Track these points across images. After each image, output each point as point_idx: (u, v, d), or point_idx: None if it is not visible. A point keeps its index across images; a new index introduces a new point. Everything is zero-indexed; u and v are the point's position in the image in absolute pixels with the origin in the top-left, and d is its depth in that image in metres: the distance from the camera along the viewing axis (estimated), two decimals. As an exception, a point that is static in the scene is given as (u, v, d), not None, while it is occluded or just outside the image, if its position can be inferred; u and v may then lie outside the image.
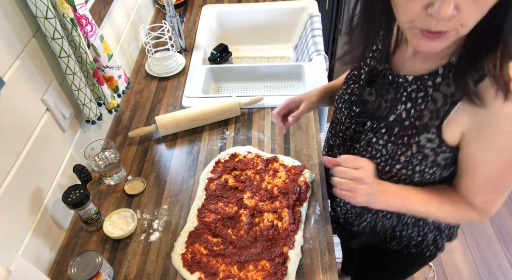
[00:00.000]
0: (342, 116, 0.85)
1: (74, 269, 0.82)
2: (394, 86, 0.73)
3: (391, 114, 0.73)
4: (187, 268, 0.88)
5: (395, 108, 0.72)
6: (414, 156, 0.70)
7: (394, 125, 0.72)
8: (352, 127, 0.83)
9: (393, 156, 0.73)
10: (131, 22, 1.45)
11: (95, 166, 1.04)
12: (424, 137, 0.69)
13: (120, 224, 0.95)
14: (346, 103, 0.83)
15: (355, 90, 0.81)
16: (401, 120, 0.71)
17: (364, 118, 0.80)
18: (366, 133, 0.78)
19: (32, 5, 0.80)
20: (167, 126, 1.16)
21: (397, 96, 0.72)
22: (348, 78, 0.85)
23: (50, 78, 0.94)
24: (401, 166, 0.73)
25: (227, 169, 1.06)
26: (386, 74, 0.74)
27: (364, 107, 0.79)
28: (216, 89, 1.49)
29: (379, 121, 0.75)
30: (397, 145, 0.72)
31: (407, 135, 0.71)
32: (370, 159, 0.76)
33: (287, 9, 1.67)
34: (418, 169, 0.72)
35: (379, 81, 0.76)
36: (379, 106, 0.76)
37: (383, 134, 0.74)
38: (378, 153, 0.75)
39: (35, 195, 0.88)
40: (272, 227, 0.93)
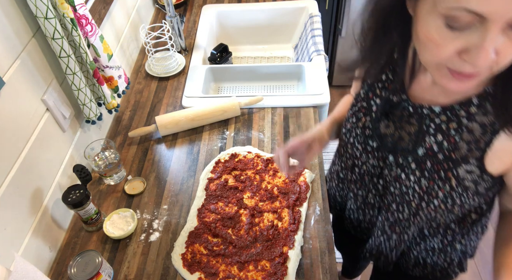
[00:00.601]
0: (356, 151, 0.79)
1: (74, 269, 0.82)
2: (417, 118, 0.67)
3: (419, 147, 0.67)
4: (187, 268, 0.88)
5: (422, 141, 0.67)
6: (454, 189, 0.65)
7: (425, 159, 0.67)
8: (370, 162, 0.77)
9: (430, 192, 0.67)
10: (131, 22, 1.45)
11: (95, 166, 1.04)
12: (463, 169, 0.63)
13: (120, 224, 0.95)
14: (359, 137, 0.77)
15: (368, 123, 0.75)
16: (433, 153, 0.66)
17: (384, 153, 0.74)
18: (391, 168, 0.73)
19: (32, 5, 0.80)
20: (167, 126, 1.16)
21: (422, 128, 0.67)
22: (357, 110, 0.78)
23: (50, 78, 0.94)
24: (440, 201, 0.68)
25: (227, 169, 1.06)
26: (405, 106, 0.68)
27: (382, 141, 0.73)
28: (216, 89, 1.49)
29: (405, 156, 0.69)
30: (433, 180, 0.66)
31: (443, 169, 0.65)
32: (401, 195, 0.72)
33: (287, 9, 1.67)
34: (458, 202, 0.67)
35: (396, 113, 0.70)
36: (401, 139, 0.70)
37: (414, 169, 0.68)
38: (409, 190, 0.70)
39: (35, 195, 0.88)
40: (272, 227, 0.93)
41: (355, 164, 0.81)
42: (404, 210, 0.75)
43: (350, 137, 0.79)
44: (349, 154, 0.82)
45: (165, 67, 1.38)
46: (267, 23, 1.71)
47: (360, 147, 0.78)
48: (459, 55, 0.49)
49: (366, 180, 0.81)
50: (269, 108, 1.25)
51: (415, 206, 0.71)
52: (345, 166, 0.86)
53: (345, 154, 0.84)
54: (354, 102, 0.80)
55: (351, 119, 0.79)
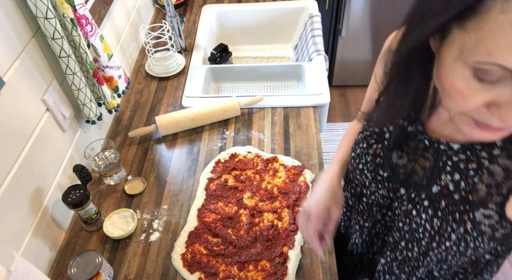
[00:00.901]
0: (365, 179, 0.73)
1: (74, 269, 0.82)
2: (433, 153, 0.63)
3: (433, 184, 0.63)
4: (187, 268, 0.88)
5: (438, 178, 0.62)
6: (468, 233, 0.60)
7: (439, 198, 0.62)
8: (380, 192, 0.72)
9: (442, 233, 0.63)
10: (131, 22, 1.45)
11: (95, 166, 1.04)
12: (480, 213, 0.58)
13: (120, 224, 0.95)
14: (368, 165, 0.72)
15: (379, 151, 0.70)
16: (448, 192, 0.61)
17: (395, 184, 0.69)
18: (401, 202, 0.68)
19: (32, 5, 0.80)
20: (167, 126, 1.16)
21: (438, 164, 0.62)
22: (368, 135, 0.73)
23: (50, 78, 0.94)
24: (452, 243, 0.63)
25: (227, 169, 1.06)
26: (421, 138, 0.64)
27: (393, 172, 0.68)
28: (216, 89, 1.49)
29: (418, 191, 0.65)
30: (446, 221, 0.62)
31: (459, 211, 0.60)
32: (410, 232, 0.67)
33: (287, 9, 1.67)
34: (472, 245, 0.62)
35: (411, 144, 0.66)
36: (414, 172, 0.66)
37: (426, 207, 0.64)
38: (420, 228, 0.65)
39: (35, 195, 0.88)
40: (272, 227, 0.93)
41: (363, 193, 0.76)
42: (414, 248, 0.70)
43: (360, 163, 0.74)
44: (357, 180, 0.76)
45: (165, 67, 1.38)
46: (267, 23, 1.71)
47: (369, 176, 0.72)
48: (488, 107, 0.44)
49: (374, 211, 0.77)
50: (269, 108, 1.25)
51: (425, 245, 0.67)
52: (354, 193, 0.82)
53: (354, 180, 0.79)
54: (365, 125, 0.74)
55: (362, 144, 0.74)
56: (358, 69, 2.50)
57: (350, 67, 2.50)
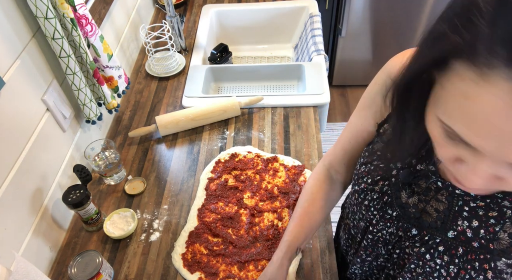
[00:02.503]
0: (372, 216, 0.68)
1: (75, 269, 0.82)
2: (447, 196, 0.57)
3: (449, 229, 0.57)
4: (187, 268, 0.88)
5: (454, 223, 0.57)
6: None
7: (457, 244, 0.57)
8: (388, 230, 0.66)
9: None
10: (131, 22, 1.45)
11: (95, 166, 1.04)
12: (503, 262, 0.54)
13: (120, 224, 0.95)
14: (375, 202, 0.66)
15: (386, 188, 0.64)
16: (466, 239, 0.56)
17: (406, 224, 0.63)
18: (414, 243, 0.62)
19: (32, 5, 0.80)
20: (167, 126, 1.16)
21: (453, 208, 0.57)
22: (372, 170, 0.67)
23: (50, 78, 0.94)
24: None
25: (227, 169, 1.06)
26: (433, 180, 0.58)
27: (403, 211, 0.63)
28: (216, 89, 1.49)
29: (431, 234, 0.59)
30: (464, 270, 0.56)
31: (478, 260, 0.55)
32: (424, 275, 0.62)
33: (287, 9, 1.67)
34: None
35: (421, 184, 0.60)
36: (427, 213, 0.60)
37: (441, 252, 0.58)
38: (435, 272, 0.60)
39: (35, 195, 0.88)
40: (272, 227, 0.93)
41: (369, 229, 0.70)
42: None
43: (365, 199, 0.68)
44: (362, 215, 0.70)
45: (165, 67, 1.38)
46: (267, 23, 1.71)
47: (377, 214, 0.66)
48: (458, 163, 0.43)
49: (379, 247, 0.70)
50: (269, 108, 1.25)
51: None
52: (356, 225, 0.75)
53: (357, 213, 0.72)
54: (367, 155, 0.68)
55: (366, 178, 0.67)
56: (358, 69, 2.50)
57: (350, 67, 2.50)
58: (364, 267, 0.79)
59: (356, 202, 0.71)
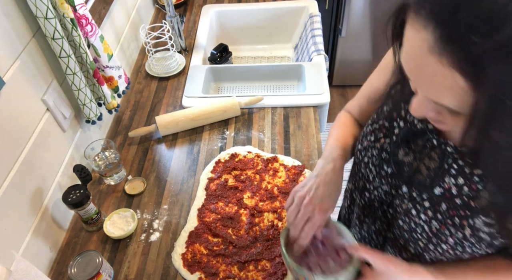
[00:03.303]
0: (369, 173, 0.72)
1: (74, 269, 0.82)
2: (439, 153, 0.61)
3: (436, 186, 0.61)
4: (187, 268, 0.88)
5: (441, 180, 0.61)
6: (467, 239, 0.59)
7: (440, 201, 0.61)
8: (383, 188, 0.71)
9: (439, 236, 0.62)
10: (131, 22, 1.45)
11: (95, 166, 1.04)
12: (481, 220, 0.57)
13: (120, 224, 0.95)
14: (374, 159, 0.70)
15: (386, 146, 0.68)
16: (450, 196, 0.59)
17: (398, 181, 0.67)
18: (402, 200, 0.67)
19: (32, 5, 0.80)
20: (167, 126, 1.16)
21: (443, 166, 0.61)
22: (377, 128, 0.71)
23: (50, 78, 0.94)
24: (449, 247, 0.62)
25: (227, 169, 1.06)
26: (430, 137, 0.62)
27: (398, 169, 0.67)
28: (216, 89, 1.49)
29: (420, 191, 0.64)
30: (445, 225, 0.61)
31: (459, 216, 0.59)
32: (409, 232, 0.67)
33: (287, 9, 1.67)
34: (469, 251, 0.61)
35: (419, 142, 0.64)
36: (419, 171, 0.64)
37: (426, 208, 0.62)
38: (418, 228, 0.64)
39: (35, 195, 0.88)
40: (272, 227, 0.93)
41: (366, 187, 0.75)
42: (409, 247, 0.69)
43: (365, 156, 0.73)
44: (361, 174, 0.75)
45: (165, 67, 1.38)
46: (267, 23, 1.71)
47: (374, 170, 0.71)
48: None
49: (375, 207, 0.75)
50: (269, 108, 1.25)
51: (422, 246, 0.66)
52: (357, 186, 0.80)
53: (358, 174, 0.77)
54: (375, 117, 0.72)
55: (370, 136, 0.72)
56: (358, 69, 2.50)
57: (350, 67, 2.50)
58: (362, 230, 0.82)
59: (358, 161, 0.76)
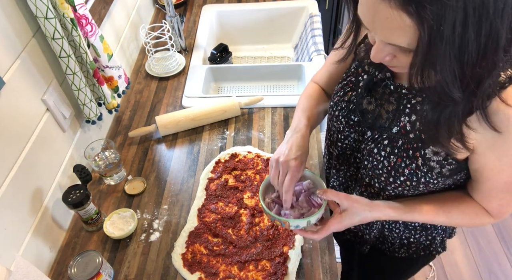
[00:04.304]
0: (340, 124, 0.81)
1: (74, 269, 0.82)
2: (396, 97, 0.71)
3: (394, 126, 0.71)
4: (187, 268, 0.88)
5: (398, 119, 0.70)
6: (419, 168, 0.69)
7: (397, 137, 0.70)
8: (352, 136, 0.80)
9: (397, 168, 0.71)
10: (131, 22, 1.45)
11: (95, 166, 1.04)
12: (430, 150, 0.67)
13: (120, 224, 0.95)
14: (343, 111, 0.80)
15: (353, 98, 0.78)
16: (405, 132, 0.69)
17: (364, 128, 0.77)
18: (367, 143, 0.76)
19: (32, 5, 0.80)
20: (167, 126, 1.16)
21: (400, 107, 0.70)
22: (345, 84, 0.81)
23: (50, 78, 0.94)
24: (405, 178, 0.71)
25: (227, 169, 1.06)
26: (387, 84, 0.72)
27: (363, 117, 0.77)
28: (216, 89, 1.49)
29: (380, 132, 0.73)
30: (401, 158, 0.70)
31: (412, 148, 0.69)
32: (372, 169, 0.75)
33: (287, 9, 1.67)
34: (423, 180, 0.70)
35: (379, 90, 0.74)
36: (380, 116, 0.74)
37: (386, 145, 0.72)
38: (380, 164, 0.74)
39: (35, 195, 0.88)
40: (272, 227, 0.93)
41: (338, 138, 0.84)
42: (375, 184, 0.78)
43: (336, 110, 0.81)
44: (334, 128, 0.84)
45: (165, 67, 1.38)
46: (267, 23, 1.71)
47: (343, 121, 0.80)
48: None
49: (348, 155, 0.84)
50: (269, 108, 1.25)
51: (383, 180, 0.75)
52: (332, 140, 0.88)
53: (332, 128, 0.86)
54: (344, 76, 0.82)
55: (339, 93, 0.81)
56: (358, 69, 2.49)
57: (350, 67, 2.50)
58: (340, 177, 0.92)
59: (330, 117, 0.85)
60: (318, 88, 0.93)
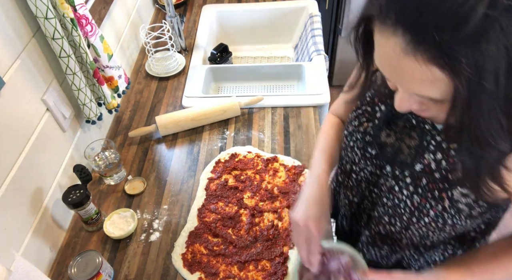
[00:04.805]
0: (355, 155, 0.76)
1: (74, 269, 0.82)
2: (419, 132, 0.65)
3: (417, 163, 0.65)
4: (187, 268, 0.88)
5: (422, 156, 0.65)
6: (446, 210, 0.63)
7: (421, 176, 0.65)
8: (368, 169, 0.75)
9: (421, 209, 0.66)
10: (131, 22, 1.45)
11: (95, 166, 1.04)
12: (458, 191, 0.61)
13: (120, 224, 0.95)
14: (358, 142, 0.74)
15: (369, 129, 0.73)
16: (430, 171, 0.64)
17: (382, 162, 0.71)
18: (386, 178, 0.71)
19: (32, 5, 0.80)
20: (167, 126, 1.16)
21: (423, 143, 0.65)
22: (360, 114, 0.75)
23: (50, 78, 0.94)
24: (430, 219, 0.66)
25: (227, 169, 1.06)
26: (408, 118, 0.66)
27: (381, 150, 0.71)
28: (216, 89, 1.49)
29: (402, 169, 0.68)
30: (425, 198, 0.65)
31: (438, 189, 0.63)
32: (393, 208, 0.71)
33: (287, 9, 1.67)
34: (450, 222, 0.65)
35: (399, 123, 0.68)
36: (400, 150, 0.68)
37: (408, 184, 0.66)
38: (401, 203, 0.68)
39: (35, 195, 0.88)
40: (272, 227, 0.93)
41: (353, 169, 0.79)
42: (396, 223, 0.73)
43: (351, 141, 0.77)
44: (348, 158, 0.79)
45: (165, 67, 1.38)
46: (267, 23, 1.71)
47: (359, 153, 0.75)
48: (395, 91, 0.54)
49: (363, 187, 0.79)
50: (269, 108, 1.25)
51: (406, 220, 0.70)
52: (344, 170, 0.84)
53: (344, 158, 0.81)
54: (358, 104, 0.76)
55: (354, 122, 0.76)
56: (358, 69, 2.49)
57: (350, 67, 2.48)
58: (352, 209, 0.86)
59: (344, 146, 0.80)
60: (337, 122, 0.88)
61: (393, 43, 0.45)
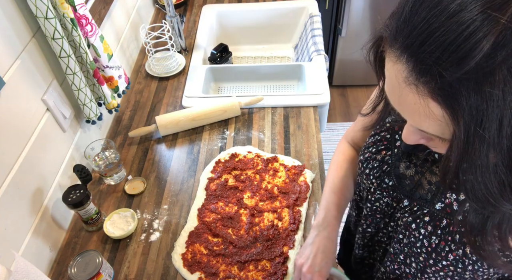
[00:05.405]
0: (370, 184, 0.71)
1: (75, 269, 0.82)
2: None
3: (437, 201, 0.61)
4: (187, 268, 0.88)
5: (443, 195, 0.60)
6: (467, 256, 0.58)
7: (441, 216, 0.60)
8: (385, 200, 0.70)
9: (439, 251, 0.60)
10: (131, 22, 1.45)
11: (95, 166, 1.04)
12: None
13: (120, 224, 0.95)
14: (375, 171, 0.69)
15: (387, 158, 0.68)
16: (451, 212, 0.58)
17: (400, 195, 0.67)
18: (404, 213, 0.66)
19: (32, 5, 0.80)
20: (167, 126, 1.16)
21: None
22: (378, 140, 0.70)
23: (50, 78, 0.94)
24: (449, 263, 0.60)
25: (227, 169, 1.06)
26: (431, 151, 0.60)
27: (400, 182, 0.66)
28: (216, 89, 1.49)
29: (420, 205, 0.63)
30: (444, 241, 0.59)
31: (460, 232, 0.57)
32: (409, 246, 0.65)
33: (287, 9, 1.67)
34: (470, 268, 0.59)
35: (420, 156, 0.63)
36: (420, 185, 0.63)
37: (426, 223, 0.61)
38: (418, 242, 0.63)
39: (35, 195, 0.88)
40: (272, 227, 0.93)
41: (368, 198, 0.74)
42: (412, 263, 0.68)
43: (366, 168, 0.72)
44: (364, 184, 0.74)
45: (165, 67, 1.38)
46: (267, 23, 1.71)
47: (375, 182, 0.70)
48: None
49: (378, 218, 0.74)
50: (269, 108, 1.25)
51: (422, 261, 0.64)
52: (362, 196, 0.79)
53: (360, 185, 0.77)
54: (377, 129, 0.71)
55: (371, 148, 0.71)
56: (358, 69, 2.50)
57: (350, 67, 2.50)
58: (365, 239, 0.81)
59: (359, 172, 0.75)
60: (351, 156, 0.83)
61: (397, 69, 0.42)
